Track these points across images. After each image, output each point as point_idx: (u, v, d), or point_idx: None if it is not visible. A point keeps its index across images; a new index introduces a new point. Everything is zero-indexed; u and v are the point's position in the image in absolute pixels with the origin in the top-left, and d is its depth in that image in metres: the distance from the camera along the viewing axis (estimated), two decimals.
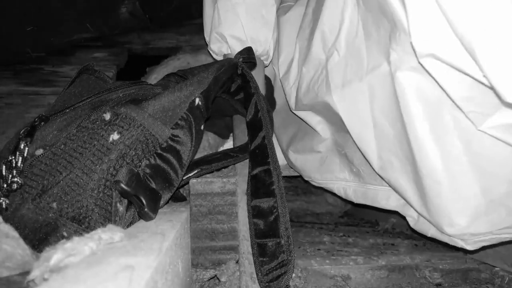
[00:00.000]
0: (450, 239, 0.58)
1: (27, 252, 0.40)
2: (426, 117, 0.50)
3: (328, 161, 0.81)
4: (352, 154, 0.73)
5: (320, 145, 0.82)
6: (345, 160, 0.76)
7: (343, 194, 0.79)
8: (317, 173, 0.83)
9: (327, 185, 0.82)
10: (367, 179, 0.71)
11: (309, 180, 0.90)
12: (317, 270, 0.69)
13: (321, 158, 0.82)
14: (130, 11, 1.29)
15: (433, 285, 0.67)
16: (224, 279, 0.60)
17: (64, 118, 0.55)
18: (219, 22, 0.83)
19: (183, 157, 0.54)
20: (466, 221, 0.52)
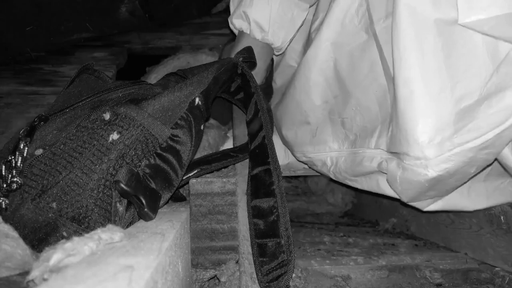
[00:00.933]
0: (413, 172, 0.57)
1: (26, 252, 0.40)
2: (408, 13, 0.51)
3: (320, 131, 0.80)
4: (351, 119, 0.72)
5: (311, 115, 0.81)
6: (340, 129, 0.76)
7: (334, 165, 0.78)
8: (310, 146, 0.83)
9: (319, 157, 0.82)
10: (360, 143, 0.71)
11: (301, 155, 0.88)
12: (317, 270, 0.69)
13: (311, 129, 0.82)
14: (130, 10, 1.29)
15: (433, 285, 0.67)
16: (224, 279, 0.60)
17: (64, 118, 0.55)
18: (250, 3, 0.83)
19: (183, 157, 0.54)
20: (433, 129, 0.52)
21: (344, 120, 0.74)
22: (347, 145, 0.75)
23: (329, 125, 0.78)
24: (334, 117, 0.77)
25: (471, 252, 0.75)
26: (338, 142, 0.77)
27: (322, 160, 0.81)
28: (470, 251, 0.75)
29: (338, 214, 1.40)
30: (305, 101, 0.81)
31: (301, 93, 0.81)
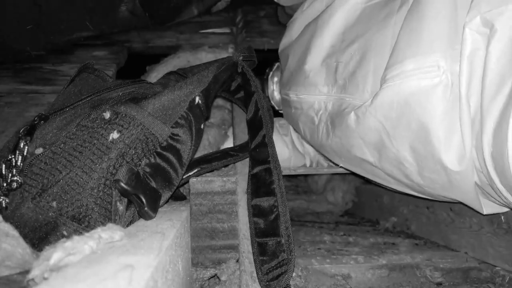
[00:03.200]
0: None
1: (27, 251, 0.40)
2: None
3: (313, 74, 0.84)
4: (345, 64, 0.75)
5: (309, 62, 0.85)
6: (333, 73, 0.78)
7: (322, 108, 0.81)
8: (302, 86, 0.87)
9: (308, 99, 0.85)
10: (349, 89, 0.73)
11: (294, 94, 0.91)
12: (317, 269, 0.69)
13: (305, 72, 0.86)
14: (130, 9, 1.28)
15: (433, 284, 0.67)
16: (224, 278, 0.60)
17: (64, 117, 0.55)
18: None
19: (183, 156, 0.54)
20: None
21: (339, 64, 0.77)
22: (336, 90, 0.77)
23: (324, 69, 0.82)
24: (331, 61, 0.80)
25: (471, 251, 0.75)
26: (328, 86, 0.80)
27: (310, 102, 0.84)
28: (470, 250, 0.75)
29: (338, 213, 1.40)
30: (317, 39, 0.84)
31: (317, 30, 0.85)
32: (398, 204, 1.05)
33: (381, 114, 0.64)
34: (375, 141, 0.68)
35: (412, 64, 0.58)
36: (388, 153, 0.66)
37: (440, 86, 0.56)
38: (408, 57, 0.59)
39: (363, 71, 0.70)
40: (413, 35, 0.60)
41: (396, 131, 0.63)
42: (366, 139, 0.70)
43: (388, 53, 0.65)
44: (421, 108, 0.58)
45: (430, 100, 0.57)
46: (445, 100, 0.56)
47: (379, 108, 0.64)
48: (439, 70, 0.56)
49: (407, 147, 0.62)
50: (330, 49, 0.82)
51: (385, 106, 0.63)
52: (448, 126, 0.56)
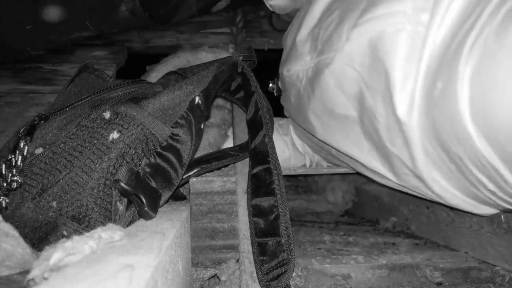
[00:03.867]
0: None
1: (27, 251, 0.40)
2: None
3: (301, 45, 0.87)
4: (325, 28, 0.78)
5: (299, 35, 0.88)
6: (315, 42, 0.81)
7: (305, 76, 0.83)
8: (293, 60, 0.90)
9: (296, 71, 0.88)
10: (324, 51, 0.75)
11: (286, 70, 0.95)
12: (317, 269, 0.69)
13: (296, 45, 0.89)
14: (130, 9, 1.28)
15: (433, 284, 0.67)
16: (224, 278, 0.60)
17: (64, 117, 0.55)
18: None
19: (183, 156, 0.54)
20: None
21: (320, 31, 0.79)
22: (315, 55, 0.79)
23: (309, 39, 0.84)
24: (315, 30, 0.83)
25: (472, 251, 0.75)
26: (310, 54, 0.83)
27: (297, 73, 0.87)
28: (471, 250, 0.75)
29: (338, 213, 1.40)
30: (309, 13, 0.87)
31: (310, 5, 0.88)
32: (398, 204, 1.05)
33: (357, 63, 0.65)
34: (355, 92, 0.69)
35: (382, 9, 0.60)
36: (366, 104, 0.67)
37: (403, 32, 0.57)
38: (381, 3, 0.61)
39: (339, 31, 0.71)
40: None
41: (371, 79, 0.64)
42: (347, 91, 0.71)
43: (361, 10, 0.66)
44: (385, 53, 0.59)
45: (393, 45, 0.58)
46: (407, 47, 0.57)
47: (350, 53, 0.66)
48: (405, 17, 0.57)
49: (379, 97, 0.63)
50: (318, 20, 0.84)
51: (357, 51, 0.65)
52: (404, 73, 0.57)
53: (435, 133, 0.55)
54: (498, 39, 0.44)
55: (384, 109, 0.62)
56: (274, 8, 1.25)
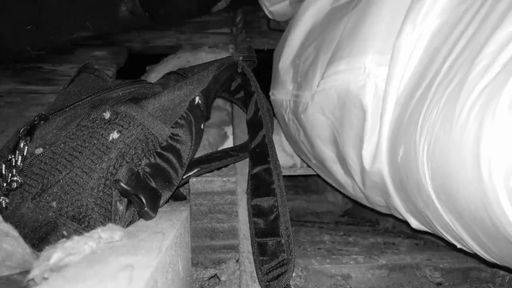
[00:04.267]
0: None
1: (27, 251, 0.40)
2: None
3: (283, 73, 0.88)
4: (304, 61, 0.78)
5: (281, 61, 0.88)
6: (296, 72, 0.82)
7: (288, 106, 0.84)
8: (276, 85, 0.91)
9: (280, 98, 0.89)
10: (302, 87, 0.76)
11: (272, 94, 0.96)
12: (317, 269, 0.69)
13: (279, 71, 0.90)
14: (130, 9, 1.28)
15: (433, 284, 0.67)
16: (224, 278, 0.60)
17: (64, 117, 0.55)
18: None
19: (183, 156, 0.54)
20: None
21: (300, 63, 0.80)
22: (296, 87, 0.80)
23: (291, 68, 0.85)
24: (296, 60, 0.83)
25: None
26: (292, 84, 0.84)
27: (281, 100, 0.88)
28: None
29: (338, 213, 1.40)
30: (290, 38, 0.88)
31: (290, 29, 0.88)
32: None
33: (328, 112, 0.66)
34: (329, 136, 0.70)
35: (345, 64, 0.61)
36: (340, 148, 0.68)
37: (366, 89, 0.57)
38: (343, 57, 0.62)
39: (314, 69, 0.72)
40: (352, 35, 0.62)
41: (342, 129, 0.65)
42: (322, 136, 0.72)
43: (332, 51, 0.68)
44: (352, 109, 0.60)
45: (358, 102, 0.59)
46: (371, 103, 0.57)
47: (321, 103, 0.67)
48: (365, 72, 0.57)
49: (351, 145, 0.64)
50: (298, 48, 0.85)
51: (327, 102, 0.66)
52: (371, 128, 0.58)
53: (403, 190, 0.55)
54: (444, 127, 0.43)
55: (356, 157, 0.63)
56: (274, 14, 1.24)
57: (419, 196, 0.51)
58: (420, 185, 0.49)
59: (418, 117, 0.48)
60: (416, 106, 0.49)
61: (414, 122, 0.49)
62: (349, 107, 0.61)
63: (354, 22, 0.63)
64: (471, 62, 0.42)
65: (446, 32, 0.50)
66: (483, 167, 0.37)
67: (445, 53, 0.48)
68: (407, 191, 0.54)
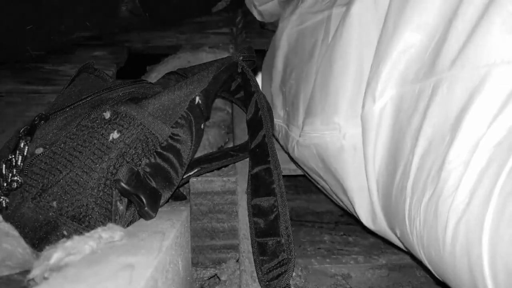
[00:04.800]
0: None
1: (27, 251, 0.40)
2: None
3: (275, 98, 0.84)
4: (288, 91, 0.75)
5: (273, 84, 0.85)
6: (284, 100, 0.79)
7: (281, 134, 0.80)
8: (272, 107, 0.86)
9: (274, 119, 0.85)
10: (290, 119, 0.73)
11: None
12: (317, 269, 0.69)
13: (271, 93, 0.86)
14: (130, 9, 1.29)
15: (433, 284, 0.67)
16: (225, 278, 0.60)
17: (64, 117, 0.55)
18: None
19: (183, 156, 0.54)
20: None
21: (285, 92, 0.77)
22: (286, 116, 0.77)
23: (280, 94, 0.82)
24: (283, 87, 0.80)
25: None
26: (283, 111, 0.80)
27: (275, 124, 0.84)
28: None
29: (338, 213, 1.40)
30: (275, 60, 0.84)
31: (274, 51, 0.84)
32: None
33: (312, 162, 0.64)
34: (319, 177, 0.68)
35: (320, 121, 0.58)
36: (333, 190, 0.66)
37: (345, 148, 0.55)
38: (318, 114, 0.59)
39: (297, 103, 0.70)
40: (323, 89, 0.59)
41: (329, 180, 0.63)
42: (312, 172, 0.70)
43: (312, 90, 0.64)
44: (334, 168, 0.58)
45: (340, 160, 0.56)
46: (354, 161, 0.54)
47: (303, 153, 0.65)
48: (340, 132, 0.55)
49: (340, 192, 0.62)
50: (283, 73, 0.81)
51: (308, 155, 0.64)
52: (359, 186, 0.55)
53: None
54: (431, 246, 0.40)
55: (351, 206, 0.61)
56: (263, 14, 1.22)
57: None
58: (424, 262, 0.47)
59: (404, 214, 0.44)
60: (399, 196, 0.45)
61: (402, 216, 0.45)
62: (331, 167, 0.58)
63: (324, 75, 0.60)
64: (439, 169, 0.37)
65: (407, 112, 0.45)
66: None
67: (412, 140, 0.44)
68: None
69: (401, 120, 0.46)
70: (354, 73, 0.54)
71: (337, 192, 0.64)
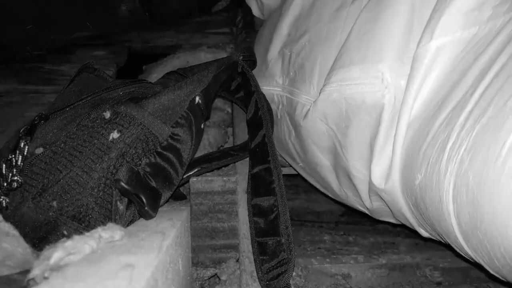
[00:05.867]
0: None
1: (27, 251, 0.40)
2: None
3: (272, 64, 0.80)
4: (297, 54, 0.72)
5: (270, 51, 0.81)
6: (286, 63, 0.75)
7: (281, 103, 0.76)
8: (263, 77, 0.83)
9: (268, 91, 0.81)
10: (298, 83, 0.70)
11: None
12: (317, 269, 0.69)
13: (267, 61, 0.82)
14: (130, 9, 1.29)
15: (433, 284, 0.67)
16: (225, 278, 0.60)
17: (64, 117, 0.55)
18: None
19: (183, 156, 0.54)
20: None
21: (292, 54, 0.73)
22: (288, 82, 0.73)
23: (280, 58, 0.78)
24: (286, 50, 0.76)
25: None
26: (282, 77, 0.76)
27: (271, 94, 0.80)
28: None
29: (338, 212, 1.40)
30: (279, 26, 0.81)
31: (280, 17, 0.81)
32: None
33: (331, 122, 0.60)
34: (328, 146, 0.64)
35: (358, 72, 0.54)
36: (340, 160, 0.63)
37: (384, 100, 0.51)
38: (355, 63, 0.55)
39: (311, 64, 0.66)
40: (364, 38, 0.55)
41: (346, 141, 0.59)
42: (318, 144, 0.66)
43: (335, 49, 0.61)
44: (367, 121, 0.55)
45: (374, 113, 0.53)
46: (390, 113, 0.52)
47: (323, 110, 0.60)
48: (383, 83, 0.51)
49: (356, 158, 0.59)
50: (287, 37, 0.78)
51: (331, 111, 0.60)
52: (385, 140, 0.53)
53: (419, 213, 0.51)
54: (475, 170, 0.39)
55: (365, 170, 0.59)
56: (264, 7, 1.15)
57: (438, 225, 0.47)
58: (441, 217, 0.45)
59: (444, 146, 0.43)
60: (442, 131, 0.44)
61: (439, 149, 0.44)
62: (361, 118, 0.55)
63: (365, 25, 0.56)
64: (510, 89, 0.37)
65: (477, 49, 0.44)
66: None
67: (477, 73, 0.43)
68: (423, 215, 0.50)
69: (463, 57, 0.45)
70: (405, 20, 0.51)
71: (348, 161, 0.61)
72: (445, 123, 0.45)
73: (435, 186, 0.45)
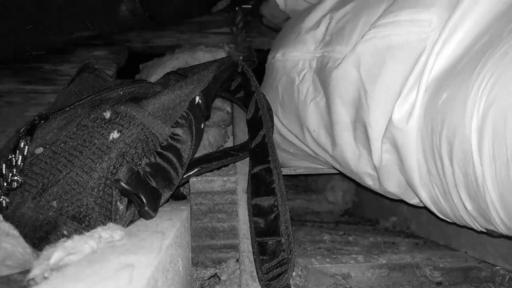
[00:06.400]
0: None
1: (27, 251, 0.40)
2: None
3: (305, 31, 0.84)
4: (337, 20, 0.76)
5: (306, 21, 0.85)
6: (323, 30, 0.79)
7: (307, 67, 0.80)
8: (291, 44, 0.87)
9: (294, 57, 0.84)
10: (333, 43, 0.74)
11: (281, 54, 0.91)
12: (317, 269, 0.69)
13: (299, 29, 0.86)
14: (130, 9, 1.29)
15: (433, 284, 0.67)
16: (225, 278, 0.60)
17: (64, 117, 0.55)
18: None
19: (183, 156, 0.54)
20: None
21: (332, 21, 0.77)
22: (322, 46, 0.77)
23: (317, 27, 0.82)
24: (326, 19, 0.80)
25: (471, 250, 0.75)
26: (315, 43, 0.80)
27: (295, 61, 0.83)
28: (470, 250, 0.75)
29: (338, 212, 1.40)
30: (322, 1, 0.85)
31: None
32: (398, 203, 1.05)
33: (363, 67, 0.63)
34: (353, 97, 0.67)
35: (408, 15, 0.58)
36: (361, 112, 0.65)
37: (426, 42, 0.55)
38: (406, 8, 0.58)
39: (352, 25, 0.70)
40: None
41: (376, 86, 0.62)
42: (344, 96, 0.69)
43: (381, 11, 0.64)
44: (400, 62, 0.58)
45: (413, 55, 0.56)
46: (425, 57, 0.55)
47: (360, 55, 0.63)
48: (430, 26, 0.55)
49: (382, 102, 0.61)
50: (330, 7, 0.82)
51: (367, 55, 0.62)
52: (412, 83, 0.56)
53: (432, 139, 0.54)
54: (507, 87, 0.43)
55: (384, 117, 0.61)
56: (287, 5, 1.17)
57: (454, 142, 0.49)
58: (457, 130, 0.47)
59: (476, 65, 0.46)
60: (477, 53, 0.48)
61: (471, 68, 0.47)
62: (398, 60, 0.58)
63: None
64: None
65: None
66: None
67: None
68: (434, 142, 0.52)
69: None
70: None
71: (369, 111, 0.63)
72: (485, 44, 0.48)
73: (461, 98, 0.47)
